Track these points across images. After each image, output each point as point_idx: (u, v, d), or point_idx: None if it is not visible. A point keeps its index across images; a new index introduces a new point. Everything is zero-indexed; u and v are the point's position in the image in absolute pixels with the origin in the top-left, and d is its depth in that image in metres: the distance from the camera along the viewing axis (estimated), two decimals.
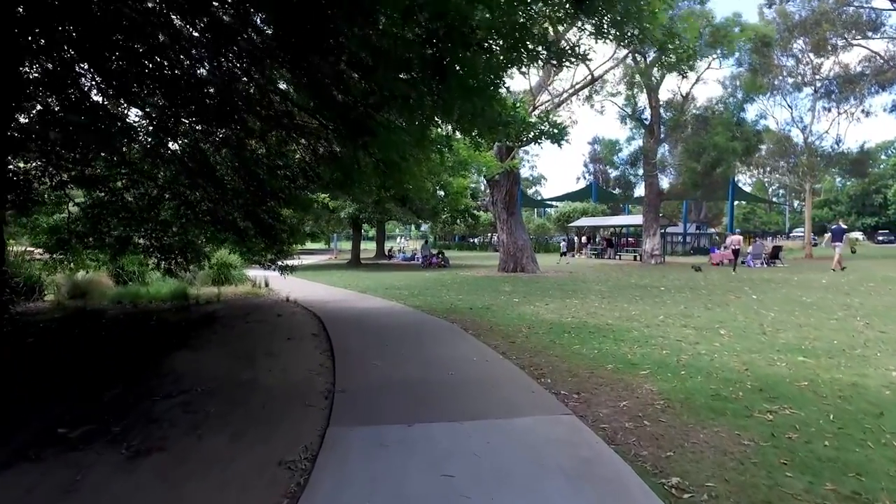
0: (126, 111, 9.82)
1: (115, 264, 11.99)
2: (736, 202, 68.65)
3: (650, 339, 7.06)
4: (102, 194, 9.74)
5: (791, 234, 57.01)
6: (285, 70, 7.90)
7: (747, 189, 51.80)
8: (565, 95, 18.98)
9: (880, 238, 60.61)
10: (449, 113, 4.63)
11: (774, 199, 63.30)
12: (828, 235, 26.07)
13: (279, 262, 11.04)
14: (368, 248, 43.18)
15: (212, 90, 9.22)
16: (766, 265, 22.53)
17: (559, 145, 4.93)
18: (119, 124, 9.20)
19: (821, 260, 26.87)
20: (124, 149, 9.59)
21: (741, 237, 23.84)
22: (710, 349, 6.34)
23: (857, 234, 61.88)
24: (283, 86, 9.25)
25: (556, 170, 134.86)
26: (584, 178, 73.71)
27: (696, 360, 5.78)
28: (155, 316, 9.64)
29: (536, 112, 17.88)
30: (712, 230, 44.05)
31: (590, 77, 18.14)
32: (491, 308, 10.26)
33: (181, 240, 10.74)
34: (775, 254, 23.15)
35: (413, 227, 57.28)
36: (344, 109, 6.71)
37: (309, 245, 62.92)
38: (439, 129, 6.54)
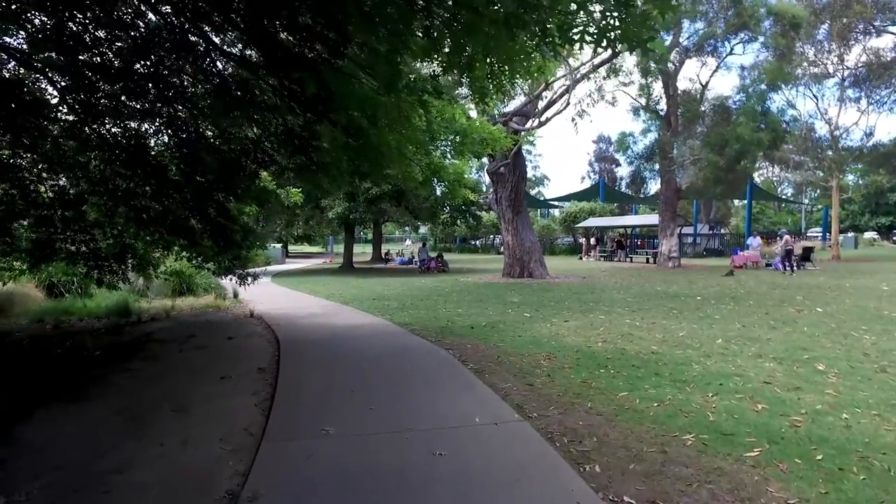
0: (37, 82, 7.86)
1: (43, 274, 9.99)
2: (747, 201, 66.66)
3: (723, 379, 5.02)
4: (6, 186, 7.78)
5: (807, 235, 54.82)
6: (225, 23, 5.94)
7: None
8: (586, 69, 16.68)
9: (895, 238, 58.71)
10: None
11: (785, 198, 61.06)
12: None
13: (237, 271, 9.01)
14: (367, 251, 41.24)
15: (144, 59, 7.31)
16: (796, 268, 20.45)
17: (644, 51, 2.86)
18: (28, 99, 7.29)
19: (851, 261, 24.76)
20: (36, 132, 7.65)
21: (790, 236, 21.73)
22: (826, 401, 4.28)
23: (872, 234, 59.85)
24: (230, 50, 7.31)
25: (559, 170, 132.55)
26: (590, 177, 71.68)
27: (824, 427, 3.73)
28: (70, 340, 7.62)
29: (548, 96, 15.82)
30: (725, 231, 41.89)
31: (611, 52, 16.00)
32: (497, 327, 8.22)
33: (116, 243, 8.75)
34: (807, 255, 21.06)
35: (410, 229, 55.26)
36: (294, 60, 4.72)
37: (307, 248, 60.92)
38: (419, 67, 4.50)
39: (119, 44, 7.09)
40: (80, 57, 7.02)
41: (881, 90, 24.71)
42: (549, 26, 2.70)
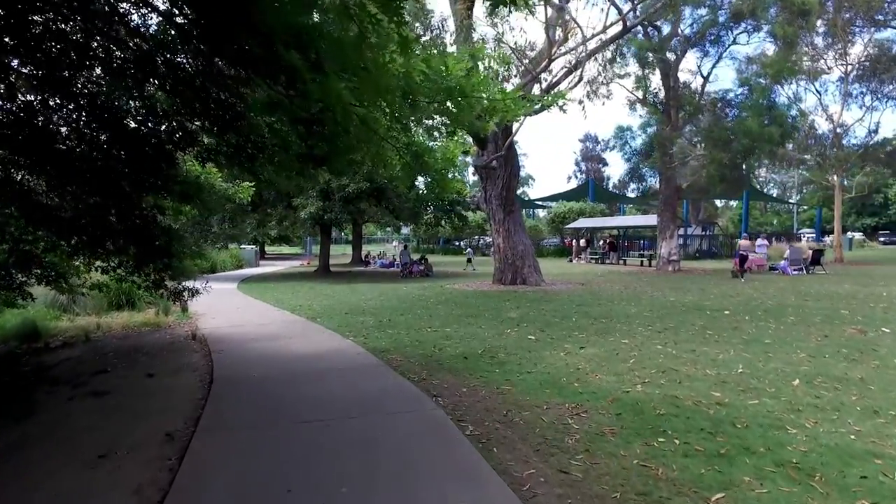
0: None
1: None
2: (734, 202, 65.72)
3: (857, 462, 3.33)
4: None
5: (799, 236, 54.08)
6: None
7: None
8: (594, 45, 14.72)
9: (882, 239, 58.59)
10: None
11: (782, 199, 60.38)
12: None
13: (168, 284, 7.15)
14: (349, 252, 39.30)
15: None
16: (805, 272, 19.08)
17: None
18: None
19: (856, 264, 23.54)
20: None
21: (748, 241, 20.56)
22: None
23: (857, 234, 59.44)
24: None
25: (543, 170, 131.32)
26: (576, 177, 70.42)
27: None
28: None
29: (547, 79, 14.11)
30: (719, 232, 40.58)
31: (622, 27, 14.30)
32: (497, 356, 6.48)
33: (12, 250, 6.85)
34: (817, 259, 19.68)
35: (393, 230, 53.40)
36: None
37: (285, 249, 58.44)
38: None
39: None
40: None
41: (888, 85, 23.46)
42: None
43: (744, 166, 20.64)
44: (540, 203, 52.11)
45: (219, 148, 5.00)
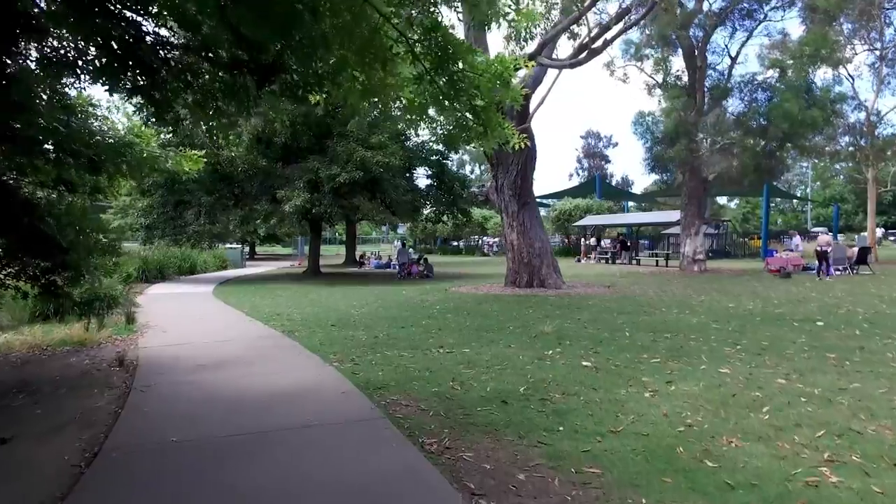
0: None
1: None
2: (736, 200, 63.76)
3: None
4: None
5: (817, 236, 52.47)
6: None
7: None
8: None
9: (892, 238, 57.22)
10: None
11: (795, 195, 58.71)
12: None
13: (70, 292, 4.94)
14: (343, 252, 37.09)
15: None
16: (851, 273, 17.05)
17: None
18: None
19: (892, 263, 21.53)
20: None
21: (830, 237, 18.76)
22: None
23: (865, 234, 57.72)
24: None
25: (542, 167, 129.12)
26: (578, 174, 68.40)
27: None
28: None
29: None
30: (732, 230, 38.51)
31: None
32: (552, 398, 4.29)
33: None
34: (863, 258, 17.65)
35: (388, 227, 51.21)
36: None
37: (279, 250, 55.95)
38: None
39: None
40: None
41: None
42: None
43: (785, 156, 18.58)
44: (542, 200, 49.97)
45: (83, 49, 2.81)
